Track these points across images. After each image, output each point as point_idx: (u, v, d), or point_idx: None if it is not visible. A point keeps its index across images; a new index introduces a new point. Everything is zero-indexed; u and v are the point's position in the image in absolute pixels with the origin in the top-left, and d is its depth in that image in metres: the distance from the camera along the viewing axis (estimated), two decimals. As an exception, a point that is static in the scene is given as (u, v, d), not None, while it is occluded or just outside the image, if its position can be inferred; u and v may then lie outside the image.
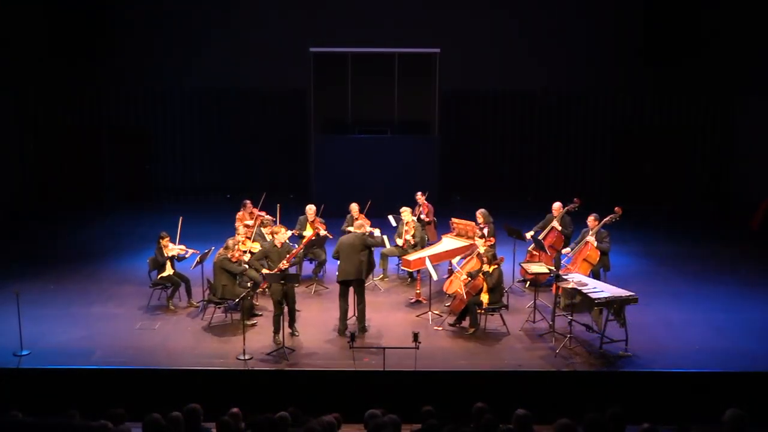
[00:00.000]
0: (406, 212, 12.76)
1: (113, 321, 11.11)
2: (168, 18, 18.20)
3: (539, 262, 11.95)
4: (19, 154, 18.45)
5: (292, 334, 10.51)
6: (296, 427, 6.57)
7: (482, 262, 10.68)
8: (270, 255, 10.57)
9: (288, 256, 10.44)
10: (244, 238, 11.68)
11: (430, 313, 11.22)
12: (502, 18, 18.23)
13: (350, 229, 12.41)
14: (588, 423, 5.72)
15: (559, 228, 12.37)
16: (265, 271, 10.51)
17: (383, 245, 12.65)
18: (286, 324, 10.37)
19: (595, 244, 11.54)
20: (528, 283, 12.35)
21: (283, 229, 10.83)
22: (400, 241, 12.74)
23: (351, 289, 10.59)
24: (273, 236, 11.02)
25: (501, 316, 10.76)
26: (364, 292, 10.63)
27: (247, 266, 11.24)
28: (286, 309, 10.36)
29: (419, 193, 13.60)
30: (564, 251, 12.09)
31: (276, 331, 10.26)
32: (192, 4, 18.27)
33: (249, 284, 11.02)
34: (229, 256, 10.82)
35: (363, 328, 10.57)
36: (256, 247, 11.86)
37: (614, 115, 18.71)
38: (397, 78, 17.63)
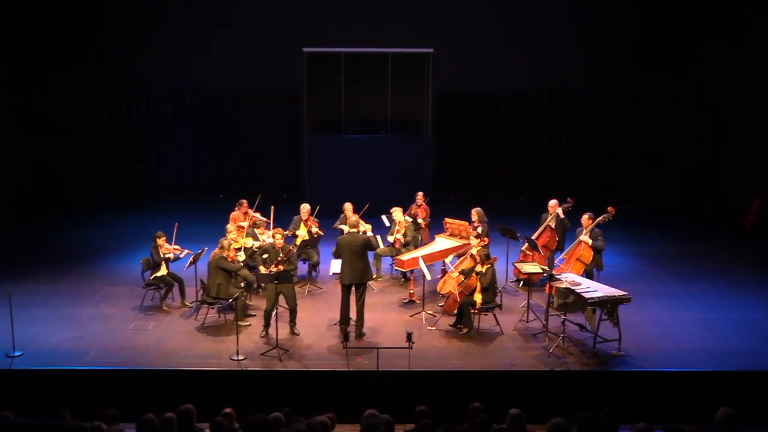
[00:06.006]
0: (397, 212, 12.77)
1: (106, 321, 11.09)
2: (161, 19, 18.12)
3: (532, 261, 11.98)
4: (12, 153, 18.35)
5: (293, 333, 10.57)
6: (290, 427, 6.56)
7: (475, 262, 10.69)
8: (269, 254, 10.70)
9: (278, 260, 10.49)
10: (236, 236, 11.67)
11: (423, 312, 11.23)
12: (495, 18, 18.22)
13: (343, 227, 12.41)
14: (581, 422, 5.72)
15: (553, 225, 12.40)
16: (262, 268, 10.59)
17: (376, 245, 12.68)
18: (280, 323, 10.35)
19: (590, 242, 11.58)
20: (521, 282, 12.37)
21: (279, 235, 10.87)
22: (392, 238, 12.77)
23: (353, 289, 10.57)
24: (273, 237, 11.06)
25: (494, 315, 10.77)
26: (365, 291, 10.65)
27: (242, 265, 11.26)
28: (278, 309, 10.38)
29: (420, 193, 13.59)
30: (563, 256, 12.12)
31: (266, 326, 10.46)
32: (185, 5, 18.21)
33: (242, 284, 11.03)
34: (225, 255, 10.82)
35: (361, 334, 10.55)
36: (249, 242, 11.90)
37: (607, 115, 18.73)
38: (390, 78, 17.64)
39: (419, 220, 13.27)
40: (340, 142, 17.70)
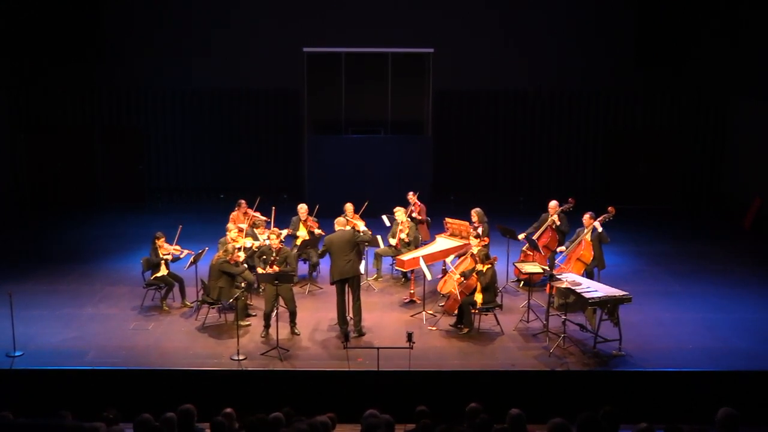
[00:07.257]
0: (399, 212, 12.77)
1: (106, 321, 11.09)
2: (161, 19, 18.12)
3: (533, 261, 11.98)
4: (12, 153, 18.35)
5: (294, 333, 10.57)
6: (290, 427, 6.56)
7: (476, 262, 10.69)
8: (266, 255, 10.70)
9: (272, 259, 10.49)
10: (236, 236, 11.66)
11: (424, 312, 11.23)
12: (495, 18, 18.22)
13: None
14: (581, 422, 5.72)
15: (555, 225, 12.38)
16: (260, 270, 10.56)
17: (377, 245, 12.67)
18: (281, 323, 10.35)
19: (600, 229, 11.55)
20: (522, 282, 12.37)
21: (274, 236, 10.86)
22: (393, 241, 12.76)
23: (346, 287, 10.56)
24: (269, 239, 11.04)
25: (495, 315, 10.77)
26: (359, 288, 10.64)
27: (246, 266, 11.24)
28: (279, 309, 10.38)
29: (411, 193, 13.61)
30: (559, 249, 12.13)
31: (266, 327, 10.48)
32: (185, 5, 18.21)
33: (243, 285, 11.02)
34: (228, 259, 10.80)
35: (360, 331, 10.56)
36: (248, 242, 11.89)
37: (607, 115, 18.73)
38: (390, 78, 17.64)
39: (415, 215, 13.27)
40: (340, 142, 17.70)
